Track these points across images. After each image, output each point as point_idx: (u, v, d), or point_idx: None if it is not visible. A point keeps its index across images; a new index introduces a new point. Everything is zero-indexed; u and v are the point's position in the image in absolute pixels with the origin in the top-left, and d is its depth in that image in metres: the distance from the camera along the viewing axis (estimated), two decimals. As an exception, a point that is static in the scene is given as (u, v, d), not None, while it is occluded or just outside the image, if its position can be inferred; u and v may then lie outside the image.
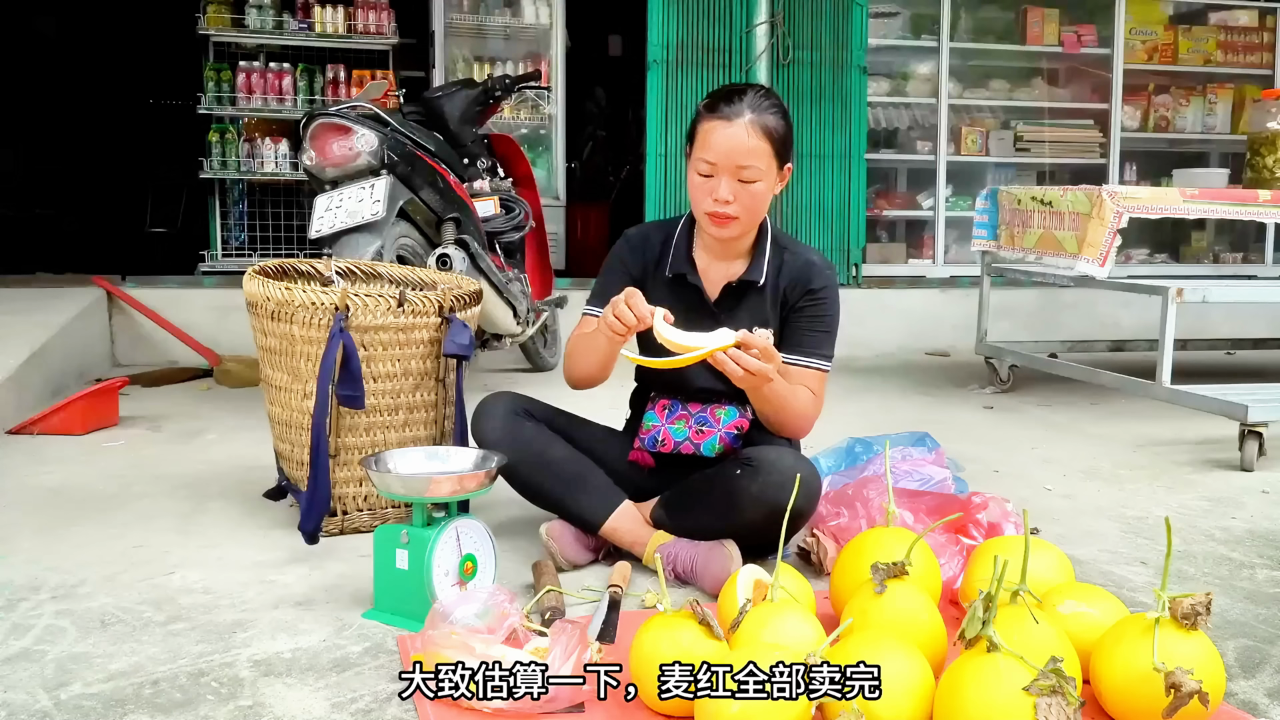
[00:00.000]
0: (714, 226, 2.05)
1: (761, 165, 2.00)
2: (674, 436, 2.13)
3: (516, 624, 1.63)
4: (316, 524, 2.16)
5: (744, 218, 2.04)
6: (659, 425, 2.15)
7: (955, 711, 1.33)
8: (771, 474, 1.95)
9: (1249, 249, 6.43)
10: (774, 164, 2.03)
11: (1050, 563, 1.79)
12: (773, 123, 2.01)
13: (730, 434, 2.11)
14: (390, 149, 3.35)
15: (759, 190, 2.02)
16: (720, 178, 2.01)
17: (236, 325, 3.80)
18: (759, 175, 2.01)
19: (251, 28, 5.34)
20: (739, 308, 2.14)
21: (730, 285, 2.14)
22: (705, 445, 2.11)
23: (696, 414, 2.14)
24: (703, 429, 2.12)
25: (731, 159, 1.99)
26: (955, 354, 5.22)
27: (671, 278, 2.16)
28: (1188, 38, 6.30)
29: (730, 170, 2.00)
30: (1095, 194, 3.47)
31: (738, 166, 1.99)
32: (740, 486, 1.97)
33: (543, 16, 5.63)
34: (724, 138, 1.99)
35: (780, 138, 2.03)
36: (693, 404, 2.15)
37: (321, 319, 2.19)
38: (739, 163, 1.99)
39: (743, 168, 1.99)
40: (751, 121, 1.99)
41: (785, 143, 2.05)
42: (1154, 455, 3.21)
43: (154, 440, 3.25)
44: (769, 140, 2.00)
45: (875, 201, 5.90)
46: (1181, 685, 1.35)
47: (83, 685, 1.60)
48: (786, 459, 1.99)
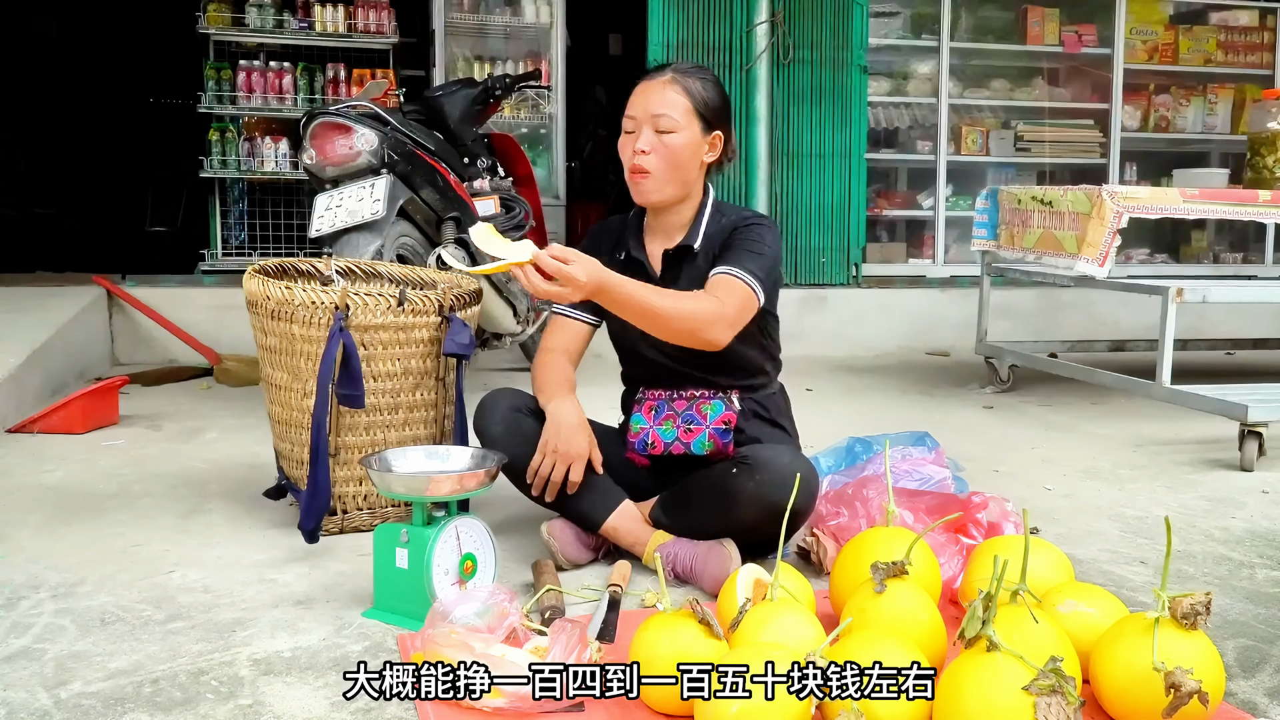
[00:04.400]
0: (634, 183, 2.10)
1: (678, 117, 2.05)
2: (663, 438, 2.13)
3: (516, 623, 1.63)
4: (316, 523, 2.16)
5: (659, 172, 2.07)
6: (647, 428, 2.15)
7: (955, 711, 1.33)
8: (767, 473, 1.95)
9: (1249, 249, 6.43)
10: (694, 121, 2.08)
11: (1050, 562, 1.79)
12: (695, 84, 2.09)
13: (718, 429, 2.10)
14: (390, 148, 3.35)
15: (675, 143, 2.06)
16: (640, 131, 2.07)
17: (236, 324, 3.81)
18: (674, 126, 2.05)
19: (252, 27, 5.34)
20: (680, 275, 2.16)
21: (668, 253, 2.18)
22: (695, 444, 2.11)
23: (683, 412, 2.14)
24: (690, 427, 2.12)
25: (647, 109, 2.06)
26: (955, 354, 5.22)
27: (623, 259, 2.20)
28: (1188, 38, 6.30)
29: (647, 120, 2.06)
30: (1095, 194, 3.47)
31: (653, 116, 2.05)
32: (736, 485, 1.97)
33: (543, 15, 5.63)
34: (642, 92, 2.09)
35: (702, 98, 2.08)
36: (678, 402, 2.16)
37: (321, 318, 2.19)
38: (653, 111, 2.05)
39: (657, 116, 2.05)
40: (670, 78, 2.08)
41: (710, 106, 2.10)
42: (1154, 455, 3.21)
43: (154, 439, 3.25)
44: (687, 95, 2.07)
45: (875, 201, 5.90)
46: (1181, 685, 1.35)
47: (82, 684, 1.60)
48: (783, 457, 1.99)
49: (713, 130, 2.11)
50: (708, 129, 2.10)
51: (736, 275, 2.04)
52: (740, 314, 2.02)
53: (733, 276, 2.04)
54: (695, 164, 2.10)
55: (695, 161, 2.10)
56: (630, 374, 2.30)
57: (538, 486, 2.06)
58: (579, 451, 2.04)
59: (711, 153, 2.13)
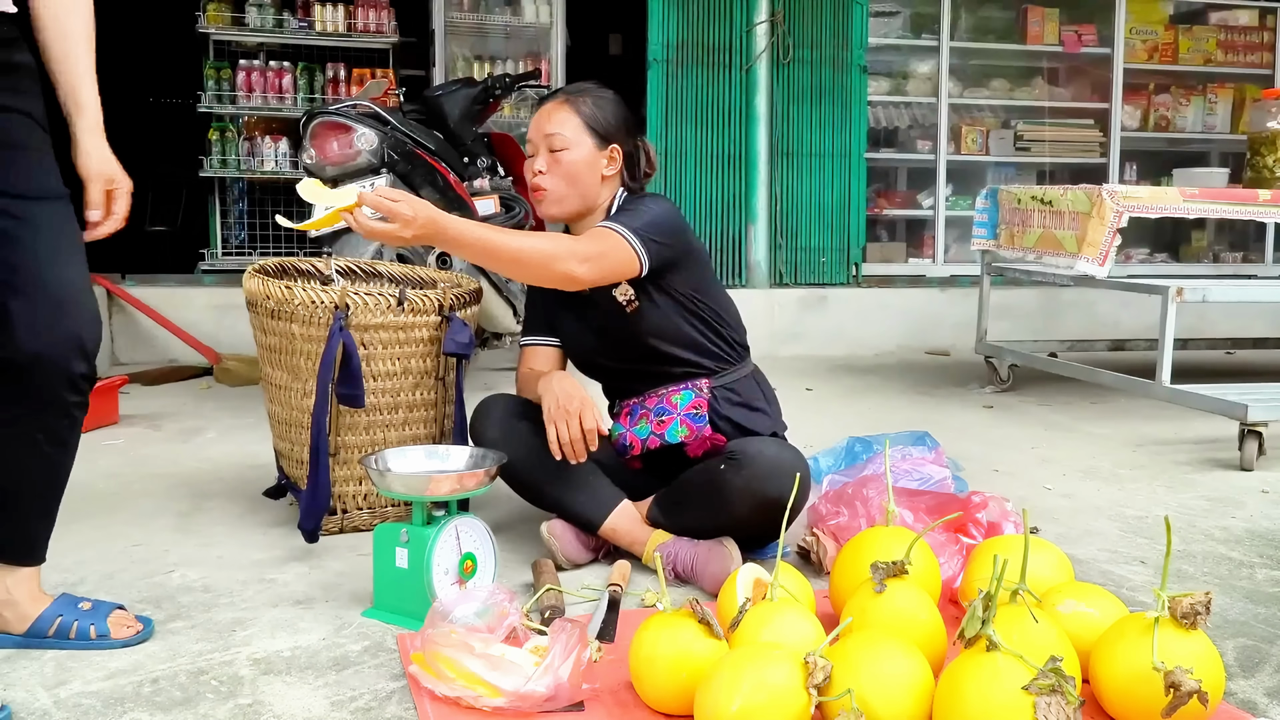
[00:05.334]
0: (535, 201, 2.17)
1: (568, 134, 2.11)
2: (639, 435, 2.15)
3: (516, 623, 1.63)
4: (316, 522, 2.16)
5: (554, 188, 2.13)
6: (624, 431, 2.17)
7: (954, 710, 1.33)
8: (756, 466, 1.96)
9: (1249, 249, 6.43)
10: (587, 137, 2.13)
11: (1050, 562, 1.79)
12: (585, 102, 2.14)
13: (690, 414, 2.12)
14: (390, 147, 3.35)
15: (569, 160, 2.11)
16: (537, 152, 2.14)
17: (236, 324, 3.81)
18: (566, 144, 2.11)
19: (252, 26, 5.34)
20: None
21: None
22: (668, 432, 2.12)
23: (655, 407, 2.16)
24: (663, 419, 2.14)
25: (540, 130, 2.14)
26: (955, 353, 5.22)
27: None
28: (1188, 37, 6.30)
29: (541, 141, 2.13)
30: (1095, 193, 3.47)
31: (545, 135, 2.12)
32: (725, 480, 1.98)
33: (543, 15, 5.63)
34: (537, 115, 2.17)
35: (592, 114, 2.13)
36: (649, 399, 2.18)
37: (321, 317, 2.19)
38: (545, 131, 2.12)
39: (550, 136, 2.12)
40: (561, 100, 2.15)
41: (602, 122, 2.14)
42: (1154, 455, 3.21)
43: (153, 439, 3.25)
44: (577, 114, 2.12)
45: (875, 201, 5.90)
46: (1181, 684, 1.35)
47: (82, 683, 1.60)
48: (769, 450, 2.00)
49: (608, 144, 2.15)
50: (603, 144, 2.14)
51: (604, 225, 2.06)
52: (598, 254, 1.99)
53: (603, 227, 2.06)
54: (593, 178, 2.15)
55: (593, 175, 2.14)
56: (602, 387, 2.33)
57: (569, 453, 1.99)
58: (581, 399, 2.01)
59: (610, 166, 2.16)
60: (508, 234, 1.97)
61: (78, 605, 1.74)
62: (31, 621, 1.71)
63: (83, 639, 1.71)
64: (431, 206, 1.88)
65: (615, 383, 2.28)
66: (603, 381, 2.32)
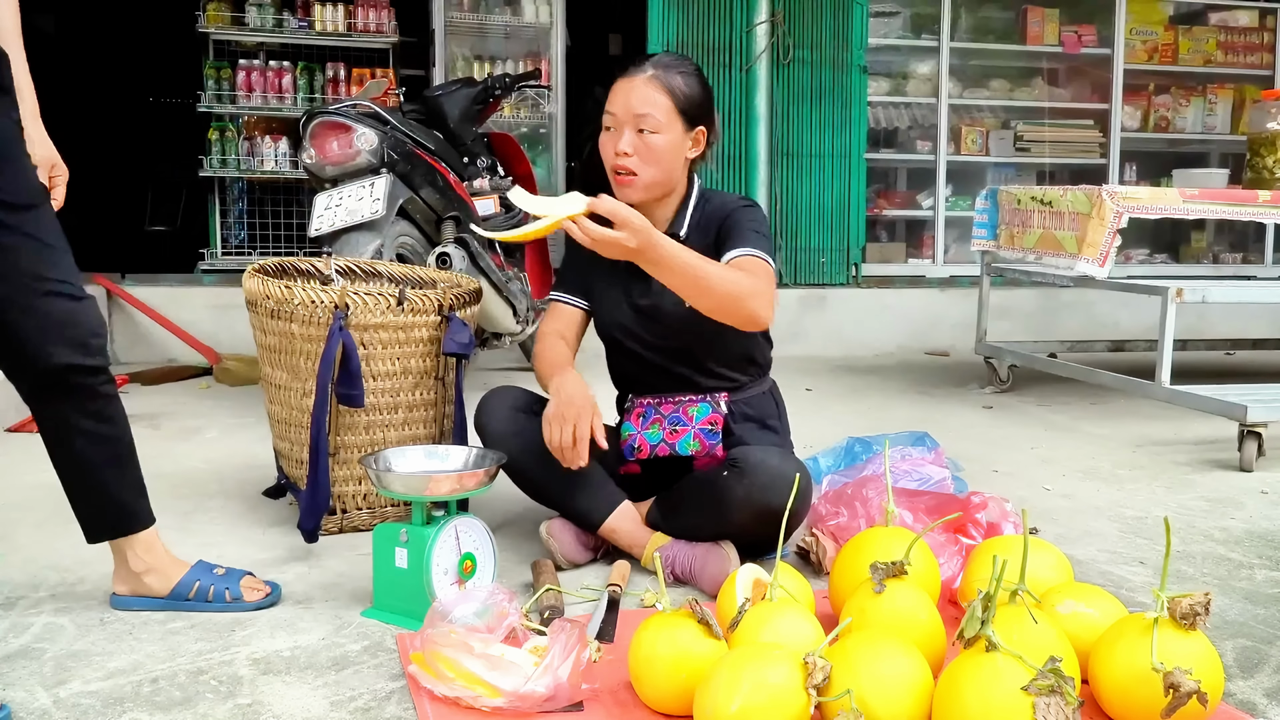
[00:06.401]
0: (617, 184, 2.07)
1: (660, 117, 2.02)
2: (649, 441, 2.12)
3: (515, 623, 1.63)
4: (316, 522, 2.16)
5: (644, 173, 2.05)
6: (635, 433, 2.14)
7: (954, 711, 1.33)
8: (758, 475, 1.94)
9: (1249, 249, 6.44)
10: (677, 120, 2.05)
11: (1049, 562, 1.79)
12: (678, 81, 2.05)
13: (704, 429, 2.10)
14: (390, 147, 3.35)
15: (658, 143, 2.03)
16: (622, 130, 2.04)
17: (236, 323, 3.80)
18: (658, 126, 2.02)
19: (251, 26, 5.34)
20: None
21: None
22: (680, 444, 2.10)
23: (670, 415, 2.13)
24: (676, 428, 2.11)
25: (629, 109, 2.03)
26: (955, 354, 5.23)
27: None
28: (1188, 38, 6.30)
29: (629, 120, 2.03)
30: (1095, 194, 3.47)
31: (635, 116, 2.02)
32: (727, 488, 1.96)
33: (543, 15, 5.63)
34: (623, 89, 2.04)
35: (685, 95, 2.05)
36: (665, 405, 2.15)
37: (321, 317, 2.19)
38: (636, 111, 2.02)
39: (640, 116, 2.02)
40: (653, 75, 2.04)
41: (693, 102, 2.06)
42: (1153, 455, 3.21)
43: (153, 438, 3.25)
44: (669, 95, 2.03)
45: (875, 201, 5.90)
46: (1180, 685, 1.35)
47: (82, 683, 1.60)
48: (772, 459, 1.97)
49: (696, 126, 2.09)
50: (691, 125, 2.08)
51: (758, 255, 2.01)
52: (771, 292, 1.99)
53: (754, 257, 2.01)
54: (679, 162, 2.09)
55: (679, 160, 2.08)
56: (616, 371, 2.28)
57: (565, 459, 1.98)
58: (582, 405, 1.97)
59: (695, 149, 2.11)
60: (709, 263, 1.92)
61: (213, 570, 1.90)
62: (174, 584, 1.86)
63: (219, 601, 1.86)
64: (649, 223, 1.85)
65: (634, 370, 2.21)
66: (618, 363, 2.25)
